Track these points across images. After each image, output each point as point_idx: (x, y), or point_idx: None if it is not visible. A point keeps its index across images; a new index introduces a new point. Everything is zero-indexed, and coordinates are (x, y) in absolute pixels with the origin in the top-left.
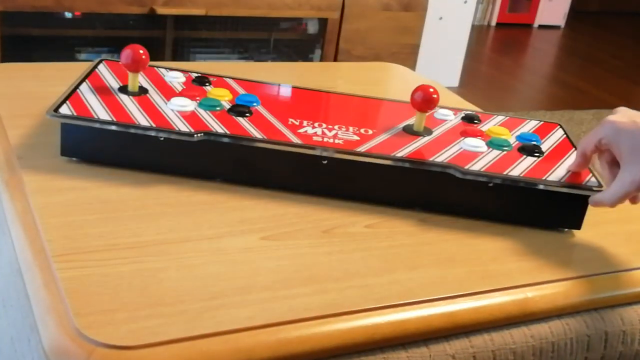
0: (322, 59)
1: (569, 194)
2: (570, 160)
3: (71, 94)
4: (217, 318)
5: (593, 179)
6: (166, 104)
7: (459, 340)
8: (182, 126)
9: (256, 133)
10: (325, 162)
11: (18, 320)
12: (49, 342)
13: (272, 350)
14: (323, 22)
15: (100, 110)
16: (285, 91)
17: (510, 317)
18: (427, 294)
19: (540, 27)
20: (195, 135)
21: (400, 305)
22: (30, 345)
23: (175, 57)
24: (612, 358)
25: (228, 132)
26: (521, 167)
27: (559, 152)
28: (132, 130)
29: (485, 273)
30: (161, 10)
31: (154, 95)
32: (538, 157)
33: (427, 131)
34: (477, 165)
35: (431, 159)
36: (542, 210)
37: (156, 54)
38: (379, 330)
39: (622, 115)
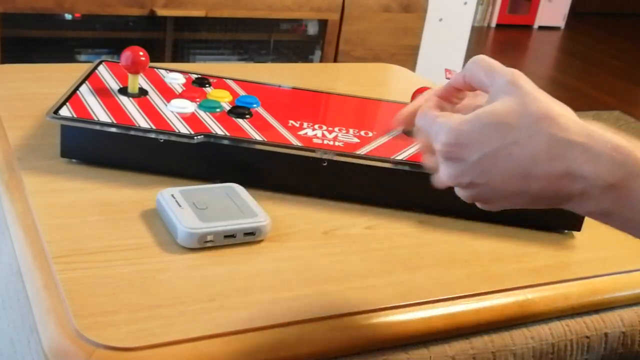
0: (321, 60)
1: None
2: None
3: (71, 96)
4: (218, 319)
5: None
6: (166, 105)
7: (459, 342)
8: (182, 128)
9: (256, 135)
10: (325, 164)
11: (18, 322)
12: (48, 344)
13: (272, 352)
14: (323, 24)
15: (100, 112)
16: (285, 92)
17: (510, 319)
18: (427, 295)
19: (540, 28)
20: (195, 137)
21: (400, 306)
22: (30, 347)
23: (175, 59)
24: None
25: (228, 134)
26: None
27: None
28: (132, 132)
29: (485, 274)
30: (161, 12)
31: (154, 96)
32: None
33: None
34: None
35: None
36: (541, 212)
37: (156, 56)
38: (379, 331)
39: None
